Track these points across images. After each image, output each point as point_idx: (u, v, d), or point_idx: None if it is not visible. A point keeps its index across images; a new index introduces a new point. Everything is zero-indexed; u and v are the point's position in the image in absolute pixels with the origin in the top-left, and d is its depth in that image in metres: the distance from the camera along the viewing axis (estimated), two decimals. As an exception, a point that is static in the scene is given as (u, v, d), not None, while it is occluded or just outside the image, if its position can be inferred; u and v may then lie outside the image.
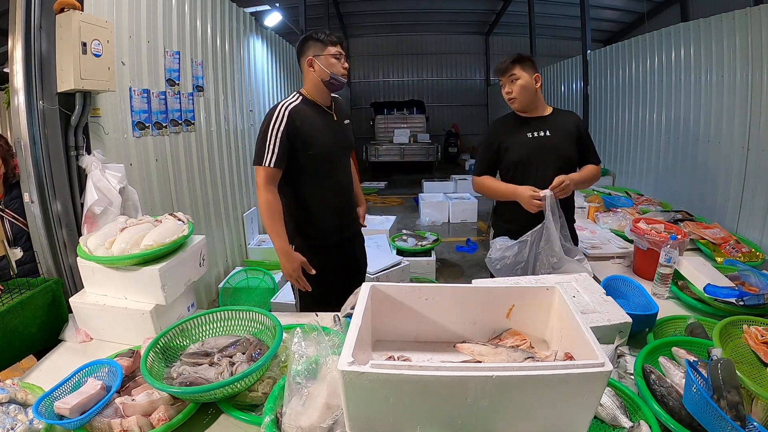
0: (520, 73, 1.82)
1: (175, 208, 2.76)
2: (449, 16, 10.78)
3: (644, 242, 1.88)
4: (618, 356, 1.19)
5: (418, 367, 0.72)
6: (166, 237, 1.44)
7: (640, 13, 8.57)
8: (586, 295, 1.38)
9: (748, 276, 1.68)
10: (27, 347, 1.43)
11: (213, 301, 3.27)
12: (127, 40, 2.33)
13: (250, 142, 4.32)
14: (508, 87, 1.86)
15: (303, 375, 0.94)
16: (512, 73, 1.83)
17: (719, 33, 2.99)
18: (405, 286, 1.06)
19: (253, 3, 5.75)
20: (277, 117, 1.66)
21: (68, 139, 1.73)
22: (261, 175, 1.66)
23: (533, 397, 0.74)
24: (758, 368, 1.10)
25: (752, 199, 2.69)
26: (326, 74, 1.71)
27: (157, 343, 1.17)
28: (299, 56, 1.76)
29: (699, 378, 0.91)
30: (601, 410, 0.96)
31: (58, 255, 1.76)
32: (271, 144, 1.64)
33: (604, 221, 2.81)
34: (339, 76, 1.73)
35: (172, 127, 2.78)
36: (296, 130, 1.67)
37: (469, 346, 1.02)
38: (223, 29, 3.62)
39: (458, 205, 6.07)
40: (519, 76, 1.82)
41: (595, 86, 5.31)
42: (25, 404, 1.06)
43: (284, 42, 5.67)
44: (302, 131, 1.68)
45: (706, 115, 3.17)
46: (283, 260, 1.70)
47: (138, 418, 0.99)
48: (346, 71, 1.76)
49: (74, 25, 1.59)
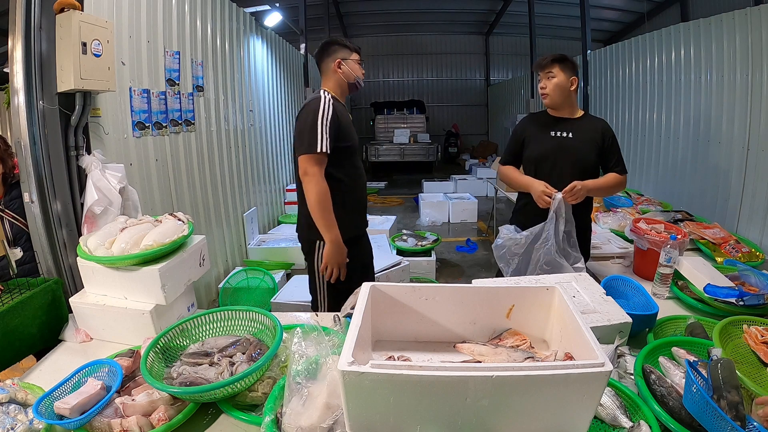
0: (557, 71, 1.87)
1: (175, 208, 2.76)
2: (449, 16, 10.78)
3: (644, 242, 1.88)
4: (618, 356, 1.19)
5: (418, 367, 0.72)
6: (166, 237, 1.44)
7: (640, 13, 8.58)
8: (586, 295, 1.38)
9: (748, 276, 1.68)
10: (27, 347, 1.43)
11: (213, 301, 3.28)
12: (127, 40, 2.33)
13: (250, 142, 4.32)
14: (543, 82, 1.92)
15: (303, 375, 0.94)
16: (550, 70, 1.88)
17: (719, 33, 3.00)
18: (405, 286, 1.06)
19: (253, 3, 5.75)
20: (324, 107, 1.71)
21: (68, 139, 1.73)
22: (313, 163, 1.68)
23: (533, 398, 0.74)
24: (758, 368, 1.10)
25: (752, 199, 2.69)
26: (352, 77, 1.83)
27: (157, 343, 1.17)
28: (323, 57, 1.84)
29: (699, 378, 0.91)
30: (601, 410, 0.96)
31: (58, 255, 1.76)
32: (322, 131, 1.68)
33: (604, 221, 2.81)
34: (361, 80, 1.88)
35: (172, 127, 2.78)
36: (338, 122, 1.74)
37: (469, 346, 1.02)
38: (223, 29, 3.62)
39: (458, 205, 6.07)
40: (556, 74, 1.87)
41: (595, 86, 5.31)
42: (25, 404, 1.06)
43: (284, 42, 5.67)
44: (341, 124, 1.76)
45: (706, 115, 3.18)
46: (335, 250, 1.75)
47: (138, 418, 0.99)
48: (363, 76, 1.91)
49: (74, 25, 1.59)
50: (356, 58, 1.84)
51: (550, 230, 1.77)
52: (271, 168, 5.05)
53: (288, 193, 5.66)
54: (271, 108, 5.06)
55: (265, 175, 4.84)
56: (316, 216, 1.72)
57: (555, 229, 1.77)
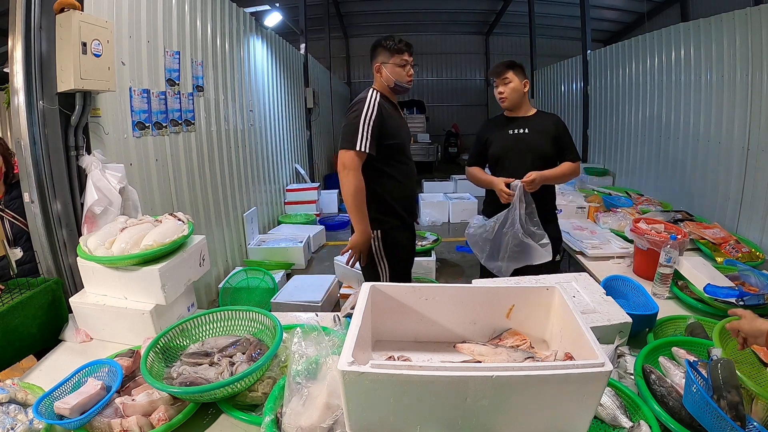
0: (512, 76, 2.04)
1: (175, 208, 2.76)
2: (449, 16, 10.78)
3: (644, 242, 1.88)
4: (618, 356, 1.19)
5: (418, 367, 0.72)
6: (166, 237, 1.44)
7: (640, 13, 8.57)
8: (586, 295, 1.38)
9: (748, 276, 1.68)
10: (27, 347, 1.43)
11: (213, 301, 3.28)
12: (127, 40, 2.33)
13: (250, 142, 4.32)
14: (501, 88, 2.07)
15: (303, 375, 0.94)
16: (506, 76, 2.05)
17: (719, 33, 2.99)
18: (405, 286, 1.06)
19: (253, 3, 5.75)
20: (369, 106, 1.80)
21: (68, 139, 1.73)
22: (351, 159, 1.77)
23: (533, 397, 0.74)
24: (758, 368, 1.10)
25: (752, 199, 2.69)
26: (391, 81, 1.88)
27: (157, 343, 1.17)
28: (371, 58, 1.93)
29: (699, 378, 0.91)
30: (601, 410, 0.96)
31: (58, 255, 1.76)
32: (364, 131, 1.77)
33: (604, 221, 2.81)
34: (403, 84, 1.90)
35: (172, 127, 2.78)
36: (383, 121, 1.82)
37: (469, 346, 1.02)
38: (223, 29, 3.62)
39: (458, 205, 6.06)
40: (511, 79, 2.04)
41: (595, 86, 5.31)
42: (25, 404, 1.06)
43: (284, 42, 5.67)
44: (387, 122, 1.83)
45: (706, 115, 3.17)
46: (362, 240, 1.84)
47: (138, 418, 0.99)
48: (411, 78, 1.92)
49: (74, 25, 1.59)
50: (397, 61, 1.85)
51: (514, 215, 1.95)
52: (271, 168, 5.05)
53: (288, 193, 5.66)
54: (271, 108, 5.07)
55: (265, 175, 4.85)
56: (350, 208, 1.80)
57: (518, 213, 1.94)
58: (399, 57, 1.85)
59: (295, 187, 5.79)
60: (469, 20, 11.11)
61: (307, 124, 6.93)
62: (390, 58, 1.86)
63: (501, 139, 2.12)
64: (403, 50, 1.86)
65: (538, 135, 2.06)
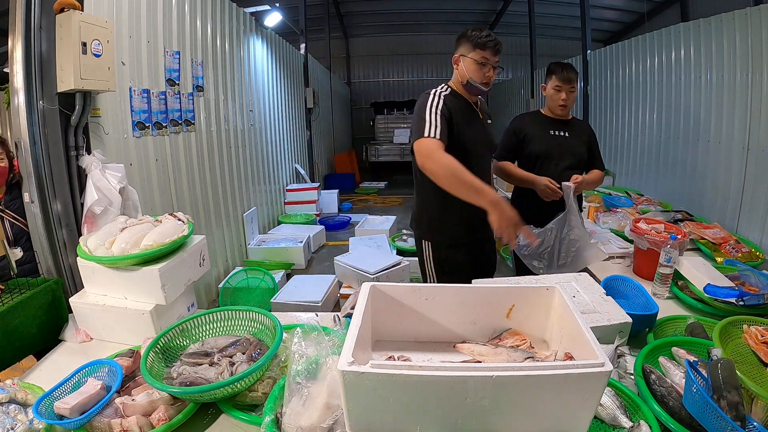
0: (575, 86, 2.07)
1: (175, 208, 2.76)
2: (449, 16, 10.76)
3: (644, 242, 1.88)
4: (618, 356, 1.19)
5: (418, 367, 0.72)
6: (166, 237, 1.44)
7: (640, 13, 8.57)
8: (586, 295, 1.38)
9: (748, 276, 1.68)
10: (27, 347, 1.43)
11: (213, 301, 3.28)
12: (127, 40, 2.33)
13: (250, 142, 4.32)
14: (566, 95, 2.06)
15: (303, 375, 0.94)
16: (573, 85, 2.06)
17: (719, 33, 2.99)
18: (405, 286, 1.06)
19: (253, 3, 5.75)
20: (433, 98, 1.62)
21: (68, 139, 1.73)
22: (427, 144, 1.52)
23: (533, 397, 0.74)
24: (758, 368, 1.10)
25: (752, 199, 2.69)
26: (465, 77, 1.68)
27: (157, 343, 1.17)
28: (455, 48, 1.72)
29: (699, 378, 0.91)
30: (601, 410, 0.96)
31: (58, 255, 1.76)
32: (432, 119, 1.55)
33: (604, 221, 2.80)
34: (477, 84, 1.67)
35: (172, 127, 2.78)
36: (449, 115, 1.61)
37: (469, 346, 1.02)
38: (223, 29, 3.62)
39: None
40: (575, 89, 2.07)
41: (595, 86, 5.31)
42: (25, 404, 1.06)
43: (284, 42, 5.67)
44: (452, 118, 1.62)
45: (706, 115, 3.17)
46: (497, 212, 1.39)
47: (138, 418, 0.99)
48: (490, 80, 1.67)
49: (74, 25, 1.59)
50: (476, 57, 1.63)
51: (572, 218, 1.91)
52: (271, 168, 5.05)
53: (288, 193, 5.66)
54: (271, 108, 5.07)
55: (265, 175, 4.85)
56: (455, 190, 1.45)
57: (576, 214, 1.92)
58: (480, 53, 1.63)
59: (295, 187, 5.79)
60: (469, 20, 11.09)
61: (307, 124, 6.93)
62: (470, 52, 1.64)
63: (542, 138, 2.10)
64: (487, 47, 1.63)
65: (577, 140, 2.11)
